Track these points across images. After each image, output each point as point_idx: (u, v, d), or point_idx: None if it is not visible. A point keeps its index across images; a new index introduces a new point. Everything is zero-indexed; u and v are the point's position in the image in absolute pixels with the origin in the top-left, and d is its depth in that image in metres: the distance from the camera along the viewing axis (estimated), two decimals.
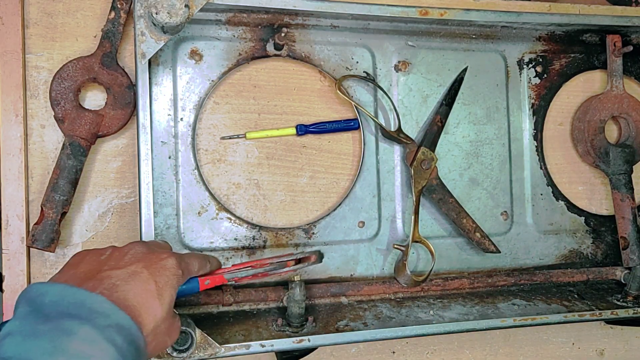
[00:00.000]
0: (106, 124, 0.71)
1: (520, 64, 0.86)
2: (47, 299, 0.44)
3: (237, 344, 0.64)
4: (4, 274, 0.69)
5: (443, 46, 0.82)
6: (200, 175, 0.74)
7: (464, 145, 0.83)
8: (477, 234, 0.80)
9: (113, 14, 0.71)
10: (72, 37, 0.73)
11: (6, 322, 0.46)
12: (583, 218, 0.88)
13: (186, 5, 0.63)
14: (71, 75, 0.70)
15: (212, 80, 0.75)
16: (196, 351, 0.62)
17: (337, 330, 0.68)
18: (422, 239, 0.78)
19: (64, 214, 0.68)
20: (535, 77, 0.86)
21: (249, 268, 0.63)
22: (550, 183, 0.86)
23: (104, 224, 0.73)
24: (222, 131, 0.75)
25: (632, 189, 0.84)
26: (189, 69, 0.74)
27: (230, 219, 0.75)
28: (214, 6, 0.68)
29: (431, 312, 0.74)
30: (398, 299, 0.77)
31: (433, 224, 0.82)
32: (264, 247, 0.75)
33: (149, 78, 0.65)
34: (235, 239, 0.75)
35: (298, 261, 0.65)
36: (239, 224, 0.75)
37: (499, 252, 0.81)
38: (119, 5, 0.71)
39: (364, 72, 0.79)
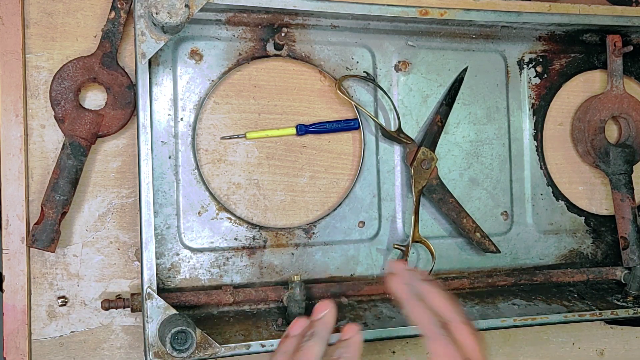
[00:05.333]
0: (106, 124, 0.71)
1: (520, 64, 0.86)
2: None
3: (237, 344, 0.64)
4: (4, 274, 0.69)
5: (443, 46, 0.82)
6: (200, 175, 0.74)
7: (464, 145, 0.83)
8: (477, 234, 0.80)
9: (113, 14, 0.71)
10: (72, 37, 0.73)
11: None
12: (583, 218, 0.88)
13: (186, 5, 0.63)
14: (71, 75, 0.70)
15: (212, 80, 0.75)
16: (196, 351, 0.61)
17: (337, 330, 0.68)
18: (422, 239, 0.78)
19: (64, 213, 0.68)
20: (535, 77, 0.86)
21: None
22: (550, 183, 0.86)
23: (104, 224, 0.73)
24: (222, 131, 0.75)
25: (632, 189, 0.84)
26: (189, 69, 0.74)
27: (230, 219, 0.75)
28: (214, 6, 0.68)
29: None
30: None
31: (433, 224, 0.82)
32: (264, 247, 0.75)
33: (149, 78, 0.65)
34: (236, 239, 0.75)
35: None
36: (239, 224, 0.75)
37: (499, 252, 0.81)
38: (119, 5, 0.71)
39: (364, 72, 0.79)
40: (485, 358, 0.52)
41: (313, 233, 0.77)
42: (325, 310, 0.52)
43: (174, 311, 0.62)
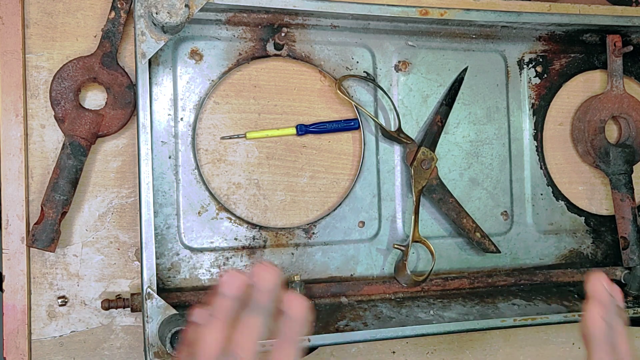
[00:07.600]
0: (106, 124, 0.71)
1: (520, 64, 0.86)
2: None
3: None
4: (4, 274, 0.69)
5: (443, 46, 0.82)
6: (200, 175, 0.74)
7: (464, 145, 0.83)
8: (477, 234, 0.80)
9: (113, 13, 0.71)
10: (72, 37, 0.73)
11: None
12: (583, 218, 0.88)
13: (186, 5, 0.63)
14: (71, 75, 0.70)
15: (212, 80, 0.75)
16: None
17: (337, 330, 0.68)
18: (422, 239, 0.78)
19: (64, 213, 0.68)
20: (535, 77, 0.86)
21: None
22: (550, 183, 0.86)
23: (104, 224, 0.73)
24: (222, 131, 0.75)
25: (632, 189, 0.84)
26: (189, 68, 0.74)
27: (230, 218, 0.75)
28: (214, 6, 0.68)
29: (431, 312, 0.74)
30: (398, 299, 0.77)
31: (433, 224, 0.82)
32: (264, 247, 0.75)
33: (149, 78, 0.65)
34: (235, 239, 0.75)
35: None
36: (239, 224, 0.75)
37: (499, 252, 0.81)
38: (119, 5, 0.71)
39: (364, 72, 0.79)
40: None
41: (313, 233, 0.77)
42: (269, 276, 0.41)
43: (174, 311, 0.62)
